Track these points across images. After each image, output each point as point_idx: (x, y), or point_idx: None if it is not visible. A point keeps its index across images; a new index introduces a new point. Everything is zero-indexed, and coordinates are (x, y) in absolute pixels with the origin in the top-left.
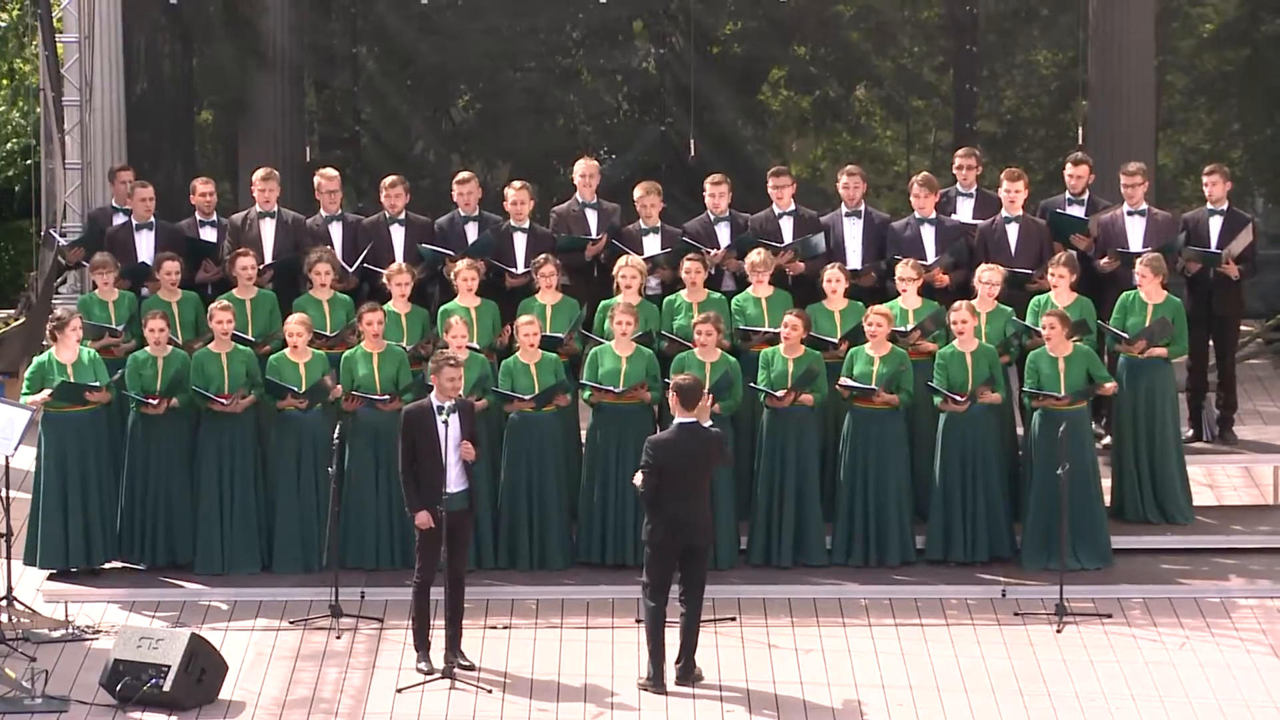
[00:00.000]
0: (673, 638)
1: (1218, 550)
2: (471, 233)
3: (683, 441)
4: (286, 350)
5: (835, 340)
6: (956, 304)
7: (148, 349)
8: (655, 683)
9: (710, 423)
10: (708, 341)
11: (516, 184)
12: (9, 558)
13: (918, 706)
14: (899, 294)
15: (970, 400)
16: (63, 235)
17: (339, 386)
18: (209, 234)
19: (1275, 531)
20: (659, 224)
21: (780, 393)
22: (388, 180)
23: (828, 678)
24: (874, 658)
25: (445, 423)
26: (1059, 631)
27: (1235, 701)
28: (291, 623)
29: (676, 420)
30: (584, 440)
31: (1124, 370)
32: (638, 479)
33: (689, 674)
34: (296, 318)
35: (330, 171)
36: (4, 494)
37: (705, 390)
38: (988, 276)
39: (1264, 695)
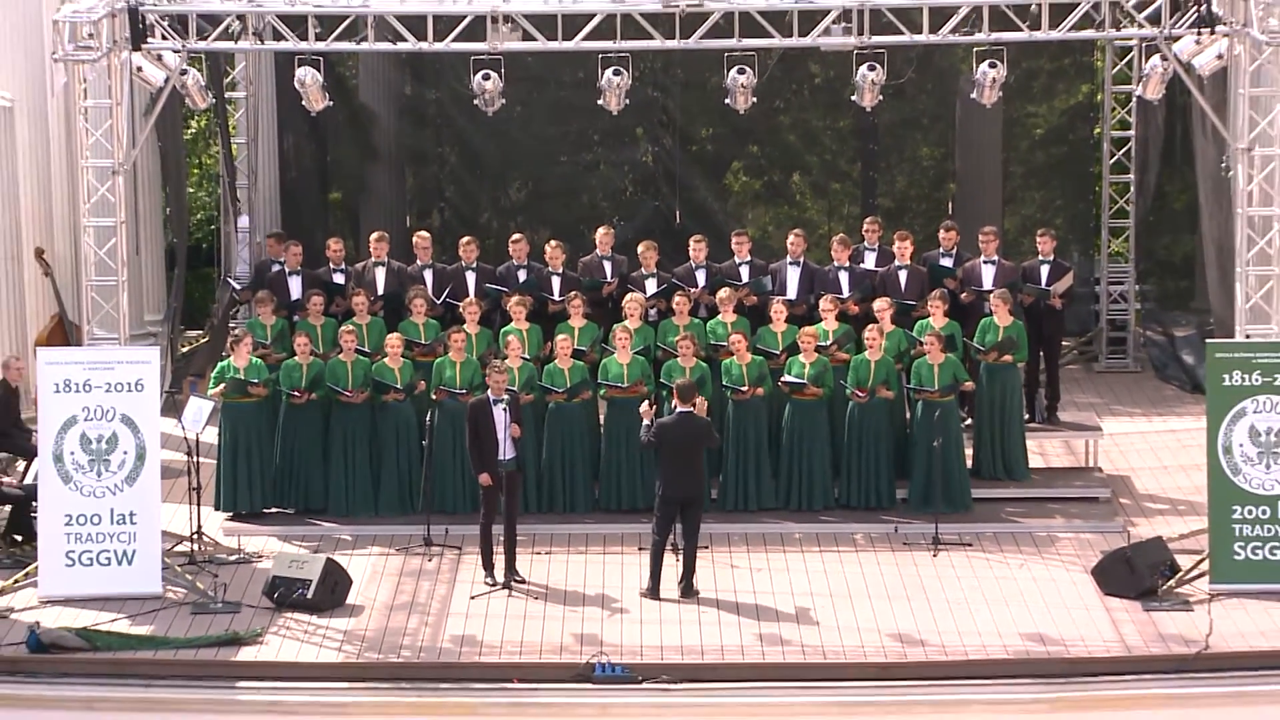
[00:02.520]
0: (670, 561)
1: (1046, 499)
2: (522, 277)
3: (679, 425)
4: (386, 359)
5: (777, 352)
6: (870, 326)
7: (295, 358)
8: (653, 593)
9: (706, 416)
10: (686, 352)
11: (553, 243)
12: (199, 504)
13: (835, 609)
14: (823, 319)
15: (870, 395)
16: (235, 279)
17: (423, 383)
18: (339, 278)
19: (1086, 486)
20: (655, 270)
21: (745, 388)
22: (464, 240)
23: (772, 588)
24: (805, 575)
25: (505, 410)
26: (935, 556)
27: (1058, 605)
28: (396, 550)
29: (676, 409)
30: (603, 424)
31: (984, 373)
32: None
33: (689, 591)
34: (393, 337)
35: (424, 233)
36: (195, 459)
37: (696, 390)
38: (879, 305)
39: (1078, 600)
